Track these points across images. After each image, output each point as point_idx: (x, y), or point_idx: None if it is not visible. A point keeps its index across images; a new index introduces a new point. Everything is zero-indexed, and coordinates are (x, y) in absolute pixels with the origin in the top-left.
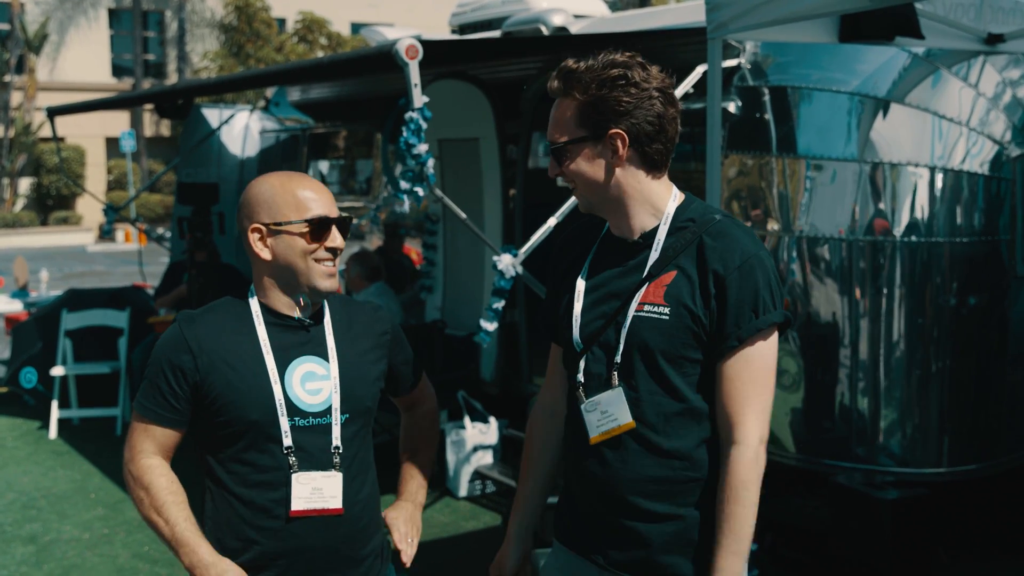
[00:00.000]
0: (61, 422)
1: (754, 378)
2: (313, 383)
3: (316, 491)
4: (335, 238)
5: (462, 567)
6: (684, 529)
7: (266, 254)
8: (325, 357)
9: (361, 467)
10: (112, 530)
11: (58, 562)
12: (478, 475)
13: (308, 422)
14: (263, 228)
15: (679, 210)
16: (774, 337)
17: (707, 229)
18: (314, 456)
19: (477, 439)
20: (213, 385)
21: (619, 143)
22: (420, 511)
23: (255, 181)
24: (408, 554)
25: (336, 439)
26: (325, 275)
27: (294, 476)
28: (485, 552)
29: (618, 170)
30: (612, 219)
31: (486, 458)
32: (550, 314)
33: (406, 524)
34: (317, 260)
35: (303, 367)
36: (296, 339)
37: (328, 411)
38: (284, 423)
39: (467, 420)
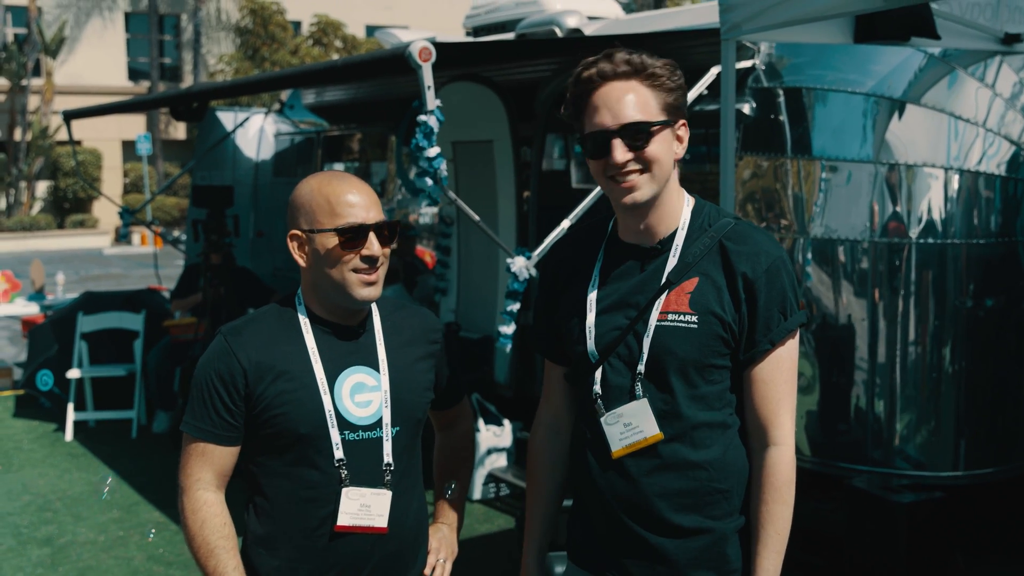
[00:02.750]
0: (77, 424)
1: (786, 379)
2: (363, 395)
3: (364, 508)
4: (371, 246)
5: (476, 570)
6: (713, 543)
7: (303, 262)
8: (375, 367)
9: (411, 482)
10: (127, 532)
11: (73, 564)
12: (492, 478)
13: (358, 435)
14: (301, 235)
15: (693, 214)
16: (797, 336)
17: (726, 233)
18: (365, 471)
19: (491, 442)
20: (263, 397)
21: (684, 135)
22: (456, 534)
23: (299, 183)
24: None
25: (388, 455)
26: (362, 284)
27: (344, 491)
28: (499, 555)
29: (676, 163)
30: (645, 219)
31: (500, 461)
32: (547, 327)
33: (440, 544)
34: (354, 270)
35: (353, 378)
36: (345, 348)
37: (378, 424)
38: (335, 435)
39: (481, 423)
